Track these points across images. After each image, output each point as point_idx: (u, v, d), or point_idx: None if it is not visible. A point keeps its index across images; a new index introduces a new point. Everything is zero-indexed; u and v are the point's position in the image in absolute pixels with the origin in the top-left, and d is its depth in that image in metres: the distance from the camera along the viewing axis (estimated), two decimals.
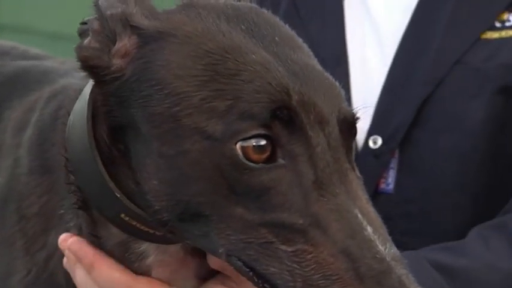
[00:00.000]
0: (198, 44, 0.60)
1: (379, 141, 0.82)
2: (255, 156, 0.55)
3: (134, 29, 0.61)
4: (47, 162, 0.74)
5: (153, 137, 0.60)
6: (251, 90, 0.56)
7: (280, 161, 0.55)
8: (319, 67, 0.62)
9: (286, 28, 0.65)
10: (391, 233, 0.77)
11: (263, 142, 0.55)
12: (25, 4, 3.56)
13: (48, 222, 0.74)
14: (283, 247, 0.55)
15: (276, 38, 0.61)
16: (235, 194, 0.57)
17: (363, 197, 0.57)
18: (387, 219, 0.78)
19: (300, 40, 0.64)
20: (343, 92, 0.62)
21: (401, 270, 0.52)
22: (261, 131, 0.55)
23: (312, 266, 0.54)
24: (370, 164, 0.82)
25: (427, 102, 0.81)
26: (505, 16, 0.80)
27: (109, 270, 0.68)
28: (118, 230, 0.65)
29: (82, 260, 0.69)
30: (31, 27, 2.92)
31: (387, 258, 0.52)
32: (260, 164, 0.55)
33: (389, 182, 0.82)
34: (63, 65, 0.89)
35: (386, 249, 0.53)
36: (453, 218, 0.82)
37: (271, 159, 0.56)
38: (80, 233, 0.69)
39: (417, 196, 0.82)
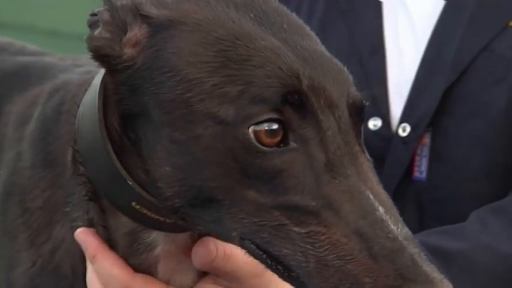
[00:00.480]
0: (209, 31, 0.60)
1: (408, 128, 0.83)
2: (267, 140, 0.56)
3: (144, 18, 0.62)
4: (50, 156, 0.74)
5: (164, 123, 0.60)
6: (262, 75, 0.56)
7: (292, 144, 0.56)
8: (327, 53, 0.63)
9: (294, 16, 0.65)
10: (422, 219, 0.79)
11: (275, 126, 0.55)
12: (24, 3, 3.55)
13: (53, 215, 0.74)
14: (296, 229, 0.55)
15: (285, 26, 0.61)
16: (247, 178, 0.57)
17: (374, 178, 0.58)
18: (420, 205, 0.80)
19: (307, 28, 0.64)
20: (351, 77, 0.62)
21: (413, 249, 0.53)
22: (273, 115, 0.55)
23: (326, 247, 0.54)
24: (400, 151, 0.84)
25: (453, 90, 0.83)
26: None
27: (109, 265, 0.69)
28: (128, 219, 0.66)
29: (86, 250, 0.70)
30: (30, 25, 2.92)
31: (399, 238, 0.52)
32: (272, 148, 0.56)
33: (422, 170, 0.84)
34: (62, 61, 0.89)
35: (399, 229, 0.53)
36: (480, 205, 0.82)
37: (283, 142, 0.56)
38: (88, 225, 0.70)
39: (447, 183, 0.83)
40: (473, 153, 0.82)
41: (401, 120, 0.85)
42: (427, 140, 0.84)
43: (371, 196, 0.54)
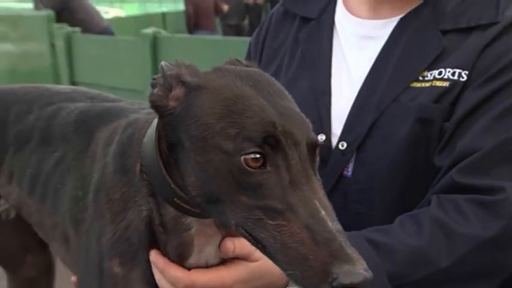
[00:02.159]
0: (220, 93, 0.73)
1: (345, 145, 0.92)
2: (252, 164, 0.68)
3: (183, 83, 0.75)
4: (125, 167, 0.87)
5: (191, 150, 0.73)
6: (251, 123, 0.68)
7: (269, 168, 0.68)
8: (297, 109, 0.74)
9: (279, 85, 0.76)
10: (345, 201, 0.91)
11: (258, 156, 0.68)
12: (92, 67, 3.76)
13: (127, 204, 0.87)
14: (269, 222, 0.67)
15: (271, 91, 0.74)
16: (240, 188, 0.69)
17: (321, 192, 0.69)
18: (347, 193, 0.91)
19: (286, 92, 0.76)
20: (311, 125, 0.73)
21: (342, 239, 0.64)
22: (256, 149, 0.67)
23: (287, 235, 0.66)
24: (339, 158, 0.93)
25: (375, 122, 0.90)
26: (425, 73, 0.89)
27: (173, 272, 0.80)
28: (172, 209, 0.80)
29: (157, 265, 0.83)
30: (98, 83, 3.09)
31: (333, 231, 0.64)
32: (256, 170, 0.68)
33: (349, 170, 0.92)
34: (132, 105, 1.04)
35: (333, 225, 0.65)
36: (385, 196, 0.91)
37: (263, 166, 0.68)
38: (148, 212, 0.83)
39: (365, 180, 0.92)
40: (382, 164, 0.90)
41: (340, 139, 0.93)
42: (354, 152, 0.93)
43: (317, 203, 0.66)
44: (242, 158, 0.68)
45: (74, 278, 0.99)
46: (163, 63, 0.77)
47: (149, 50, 3.48)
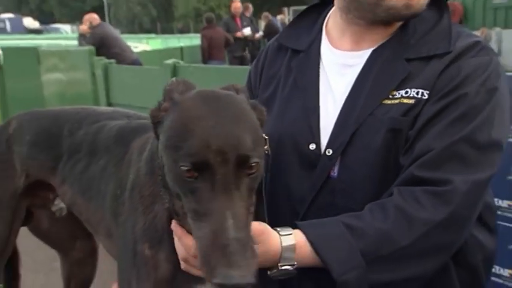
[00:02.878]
0: (184, 112, 0.72)
1: (331, 151, 0.91)
2: (187, 175, 0.68)
3: (170, 98, 0.76)
4: (153, 169, 0.88)
5: (162, 154, 0.75)
6: (192, 143, 0.68)
7: (199, 179, 0.68)
8: (238, 131, 0.70)
9: (239, 109, 0.73)
10: (335, 198, 0.89)
11: (191, 169, 0.68)
12: (125, 92, 3.75)
13: (154, 198, 0.88)
14: (191, 220, 0.70)
15: (227, 114, 0.71)
16: (182, 190, 0.71)
17: (238, 204, 0.67)
18: (334, 190, 0.90)
19: (244, 115, 0.73)
20: (248, 143, 0.69)
21: (236, 246, 0.63)
22: (189, 166, 0.68)
23: (199, 234, 0.68)
24: (326, 163, 0.91)
25: (354, 133, 0.90)
26: (394, 93, 0.89)
27: (187, 240, 0.79)
28: (178, 200, 0.77)
29: (176, 233, 0.83)
30: (129, 104, 3.09)
31: (231, 239, 0.64)
32: (190, 179, 0.69)
33: (335, 172, 0.91)
34: None
35: (235, 233, 0.64)
36: (365, 192, 0.89)
37: (195, 178, 0.68)
38: (169, 204, 0.83)
39: (348, 179, 0.91)
40: (361, 167, 0.89)
41: (327, 147, 0.92)
42: (338, 157, 0.91)
43: (228, 213, 0.66)
44: (182, 168, 0.69)
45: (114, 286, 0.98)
46: (170, 80, 0.78)
47: (170, 77, 3.47)
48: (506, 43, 6.03)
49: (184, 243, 0.80)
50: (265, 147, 0.80)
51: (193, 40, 10.37)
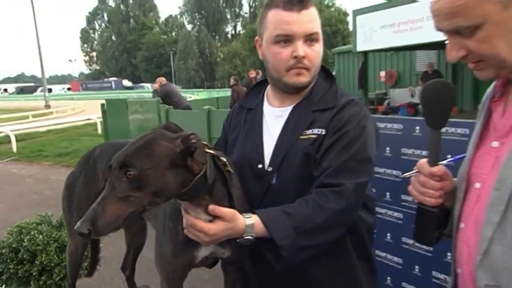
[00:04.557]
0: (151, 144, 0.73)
1: (271, 168, 0.91)
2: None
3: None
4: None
5: None
6: (115, 156, 0.71)
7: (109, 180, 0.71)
8: (130, 150, 0.71)
9: (147, 140, 0.73)
10: (275, 198, 0.88)
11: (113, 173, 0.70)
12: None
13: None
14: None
15: (138, 142, 0.73)
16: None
17: (105, 192, 0.69)
18: (274, 193, 0.90)
19: (148, 144, 0.72)
20: (128, 155, 0.71)
21: (89, 212, 0.67)
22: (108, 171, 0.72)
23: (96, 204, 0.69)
24: (268, 175, 0.91)
25: (284, 156, 0.90)
26: (305, 131, 0.90)
27: (186, 217, 0.81)
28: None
29: (183, 214, 0.82)
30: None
31: (92, 207, 0.67)
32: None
33: (274, 180, 0.91)
34: None
35: (94, 205, 0.67)
36: (294, 194, 0.87)
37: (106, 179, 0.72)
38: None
39: (283, 186, 0.91)
40: (291, 177, 0.90)
41: (269, 165, 0.92)
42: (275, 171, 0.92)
43: (100, 198, 0.68)
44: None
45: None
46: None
47: (206, 119, 3.56)
48: None
49: (188, 218, 0.82)
50: (228, 168, 0.84)
51: (227, 93, 10.44)
